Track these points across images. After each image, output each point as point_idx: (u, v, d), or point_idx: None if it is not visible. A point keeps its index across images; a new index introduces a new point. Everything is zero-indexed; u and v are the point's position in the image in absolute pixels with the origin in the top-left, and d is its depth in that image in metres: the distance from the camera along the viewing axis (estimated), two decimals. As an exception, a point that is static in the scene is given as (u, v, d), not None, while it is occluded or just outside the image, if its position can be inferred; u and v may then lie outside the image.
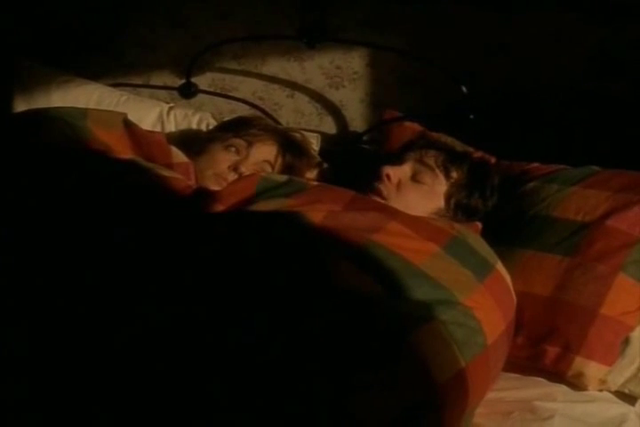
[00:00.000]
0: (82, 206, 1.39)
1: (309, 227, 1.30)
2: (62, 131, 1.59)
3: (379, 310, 1.18)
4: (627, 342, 1.44)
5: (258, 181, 1.49)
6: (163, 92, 2.45)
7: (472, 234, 1.45)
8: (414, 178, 1.67)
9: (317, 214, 1.33)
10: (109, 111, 1.84)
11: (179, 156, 1.73)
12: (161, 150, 1.72)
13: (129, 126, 1.73)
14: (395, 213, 1.40)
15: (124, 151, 1.62)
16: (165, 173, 1.53)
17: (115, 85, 2.35)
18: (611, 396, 1.43)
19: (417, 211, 1.56)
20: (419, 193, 1.65)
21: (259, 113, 2.29)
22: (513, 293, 1.40)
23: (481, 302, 1.28)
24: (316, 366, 1.09)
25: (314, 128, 2.28)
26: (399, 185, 1.65)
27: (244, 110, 2.36)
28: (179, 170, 1.67)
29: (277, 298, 1.17)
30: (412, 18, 2.08)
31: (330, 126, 2.32)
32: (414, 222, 1.39)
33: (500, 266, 1.41)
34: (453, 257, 1.34)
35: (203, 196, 1.46)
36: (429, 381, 1.13)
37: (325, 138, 2.22)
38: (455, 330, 1.20)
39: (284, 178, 1.52)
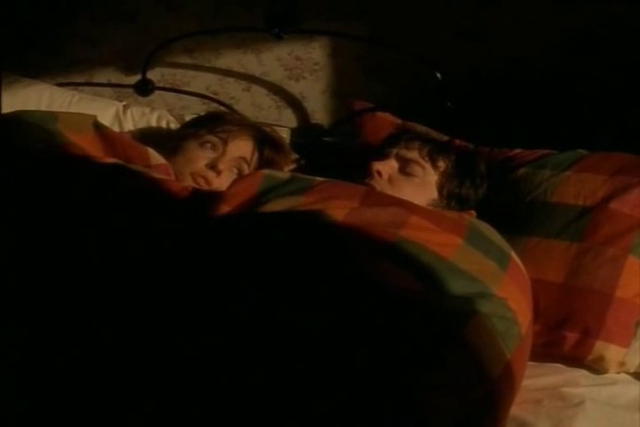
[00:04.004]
0: (80, 214, 1.30)
1: (335, 225, 1.25)
2: (37, 136, 1.51)
3: (425, 308, 1.15)
4: (637, 323, 1.46)
5: (261, 179, 1.43)
6: (108, 90, 2.34)
7: (482, 223, 1.43)
8: (403, 171, 1.67)
9: (340, 212, 1.28)
10: (79, 114, 1.75)
11: (156, 157, 1.66)
12: (138, 152, 1.64)
13: (100, 129, 1.67)
14: (413, 207, 1.37)
15: (98, 155, 1.54)
16: (157, 175, 1.46)
17: (61, 85, 2.23)
18: (629, 377, 1.44)
19: (414, 203, 1.54)
20: (412, 186, 1.65)
21: (215, 108, 2.23)
22: (529, 280, 1.39)
23: (510, 292, 1.27)
24: (374, 369, 1.06)
25: (273, 122, 2.22)
26: (390, 180, 1.65)
27: (196, 106, 2.28)
28: (158, 172, 1.60)
29: (321, 301, 1.13)
30: (378, 5, 2.05)
31: (290, 119, 2.27)
32: (432, 215, 1.37)
33: (514, 254, 1.39)
34: (476, 248, 1.31)
35: (205, 197, 1.39)
36: (485, 377, 1.11)
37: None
38: (497, 323, 1.18)
39: (287, 175, 1.46)
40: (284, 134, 2.05)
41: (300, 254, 1.19)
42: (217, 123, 1.82)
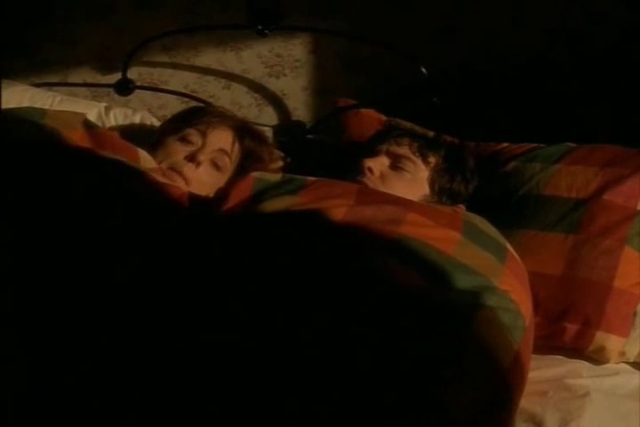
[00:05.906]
0: (79, 214, 1.28)
1: (335, 224, 1.26)
2: (29, 131, 1.47)
3: (432, 303, 1.15)
4: (635, 313, 1.46)
5: (253, 182, 1.42)
6: (82, 90, 2.30)
7: (476, 216, 1.45)
8: (394, 167, 1.66)
9: (338, 210, 1.29)
10: (68, 111, 1.70)
11: (147, 160, 1.61)
12: (128, 154, 1.59)
13: (90, 128, 1.61)
14: (408, 204, 1.38)
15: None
16: (160, 178, 1.44)
17: (36, 85, 2.18)
18: (629, 367, 1.44)
19: (406, 199, 1.53)
20: (403, 182, 1.65)
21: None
22: (526, 272, 1.40)
23: (511, 284, 1.28)
24: (380, 368, 1.06)
25: (253, 120, 2.20)
26: (382, 177, 1.65)
27: (175, 105, 2.25)
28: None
29: (324, 300, 1.12)
30: (358, 1, 2.05)
31: (271, 117, 2.26)
32: (428, 211, 1.38)
33: (509, 246, 1.40)
34: (474, 242, 1.33)
35: (201, 202, 1.39)
36: (496, 369, 1.12)
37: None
38: (502, 315, 1.19)
39: (277, 176, 1.46)
40: (268, 134, 2.03)
41: (302, 254, 1.19)
42: (197, 115, 1.79)
